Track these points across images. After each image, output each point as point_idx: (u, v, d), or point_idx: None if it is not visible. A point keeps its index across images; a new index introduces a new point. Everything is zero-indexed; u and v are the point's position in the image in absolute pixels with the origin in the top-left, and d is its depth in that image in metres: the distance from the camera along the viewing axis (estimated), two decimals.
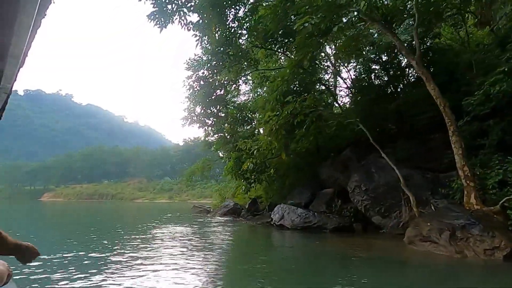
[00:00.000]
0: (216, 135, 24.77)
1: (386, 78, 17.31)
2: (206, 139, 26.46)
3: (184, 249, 8.36)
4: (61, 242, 9.99)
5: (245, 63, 15.77)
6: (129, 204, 62.69)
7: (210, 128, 18.49)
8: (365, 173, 11.17)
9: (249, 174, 13.21)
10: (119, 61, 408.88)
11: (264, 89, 18.45)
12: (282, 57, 19.02)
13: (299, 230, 11.31)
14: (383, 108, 14.48)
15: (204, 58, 15.91)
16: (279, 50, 16.03)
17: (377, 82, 17.66)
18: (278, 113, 10.26)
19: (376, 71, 17.76)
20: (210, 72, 15.01)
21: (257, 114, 18.29)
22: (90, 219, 21.44)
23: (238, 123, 17.26)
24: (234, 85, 16.71)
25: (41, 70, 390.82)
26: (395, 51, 15.81)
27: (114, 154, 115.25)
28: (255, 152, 10.08)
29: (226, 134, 16.26)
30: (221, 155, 27.48)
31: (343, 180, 13.41)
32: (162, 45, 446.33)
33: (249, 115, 17.06)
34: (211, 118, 16.87)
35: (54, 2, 1.14)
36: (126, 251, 7.90)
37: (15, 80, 1.39)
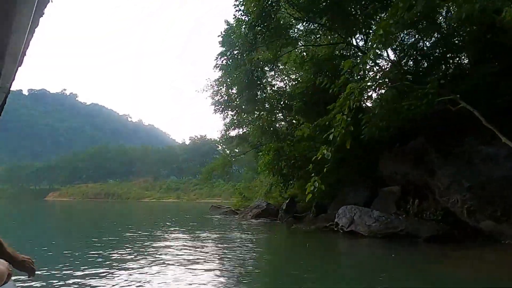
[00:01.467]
0: (240, 128, 22.41)
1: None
2: (227, 133, 24.14)
3: (245, 271, 5.98)
4: (84, 253, 7.67)
5: (285, 40, 13.34)
6: (137, 203, 60.72)
7: (244, 115, 16.00)
8: (465, 165, 8.68)
9: (323, 165, 10.69)
10: (121, 60, 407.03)
11: (301, 73, 15.93)
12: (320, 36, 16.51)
13: (379, 238, 8.84)
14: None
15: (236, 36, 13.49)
16: (325, 23, 13.57)
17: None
18: (367, 83, 7.77)
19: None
20: (246, 48, 12.59)
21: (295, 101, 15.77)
22: (103, 221, 19.11)
23: (277, 110, 14.80)
24: (271, 66, 14.20)
25: (45, 70, 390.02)
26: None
27: (119, 153, 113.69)
28: (330, 136, 7.65)
29: (264, 123, 13.87)
30: (225, 151, 25.12)
31: (416, 175, 10.93)
32: (164, 41, 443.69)
33: (287, 102, 14.53)
34: (248, 105, 14.26)
35: (52, 1, 1.07)
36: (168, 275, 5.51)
37: (13, 79, 1.37)
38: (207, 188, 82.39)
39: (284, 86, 15.67)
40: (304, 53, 14.03)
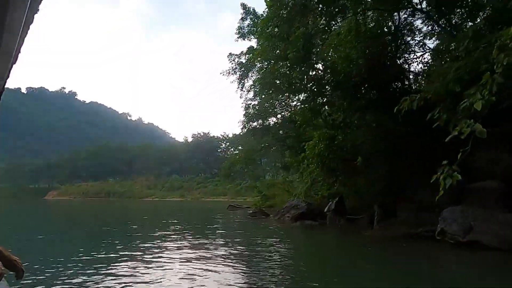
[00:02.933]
0: (266, 118, 20.01)
1: None
2: (249, 124, 21.79)
3: None
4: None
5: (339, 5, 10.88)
6: (141, 202, 58.25)
7: (289, 96, 13.51)
8: None
9: None
10: (119, 58, 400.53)
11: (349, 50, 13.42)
12: None
13: None
14: None
15: None
16: None
17: None
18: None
19: None
20: (298, 11, 10.10)
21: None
22: (115, 225, 16.63)
23: (328, 91, 12.27)
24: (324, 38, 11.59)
25: (44, 68, 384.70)
26: None
27: (120, 152, 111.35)
28: (477, 106, 5.15)
29: (317, 105, 11.48)
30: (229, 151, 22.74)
31: None
32: (163, 40, 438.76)
33: (341, 81, 11.95)
34: (301, 82, 11.54)
35: None
36: None
37: (8, 77, 1.35)
38: (211, 187, 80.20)
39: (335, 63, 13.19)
40: (361, 24, 11.57)
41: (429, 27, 16.45)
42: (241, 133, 24.24)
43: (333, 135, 11.46)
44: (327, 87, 11.97)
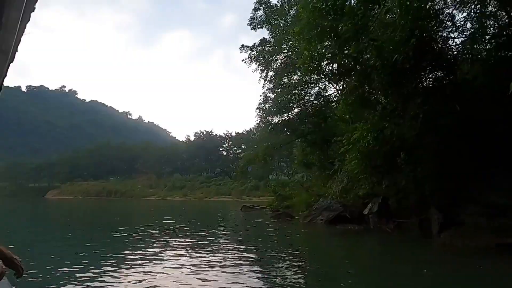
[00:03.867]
0: (285, 112, 18.55)
1: None
2: (265, 120, 20.33)
3: None
4: None
5: None
6: (144, 202, 56.82)
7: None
8: None
9: None
10: (121, 56, 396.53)
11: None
12: None
13: None
14: None
15: None
16: None
17: None
18: None
19: None
20: None
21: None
22: (127, 227, 15.11)
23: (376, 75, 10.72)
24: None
25: (44, 66, 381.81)
26: None
27: (121, 151, 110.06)
28: None
29: (364, 92, 10.00)
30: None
31: None
32: (162, 39, 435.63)
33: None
34: (352, 61, 9.94)
35: None
36: None
37: (5, 75, 1.33)
38: (214, 186, 78.75)
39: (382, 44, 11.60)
40: None
41: (465, 13, 15.20)
42: (244, 131, 23.03)
43: (383, 127, 9.98)
44: (374, 71, 10.45)
